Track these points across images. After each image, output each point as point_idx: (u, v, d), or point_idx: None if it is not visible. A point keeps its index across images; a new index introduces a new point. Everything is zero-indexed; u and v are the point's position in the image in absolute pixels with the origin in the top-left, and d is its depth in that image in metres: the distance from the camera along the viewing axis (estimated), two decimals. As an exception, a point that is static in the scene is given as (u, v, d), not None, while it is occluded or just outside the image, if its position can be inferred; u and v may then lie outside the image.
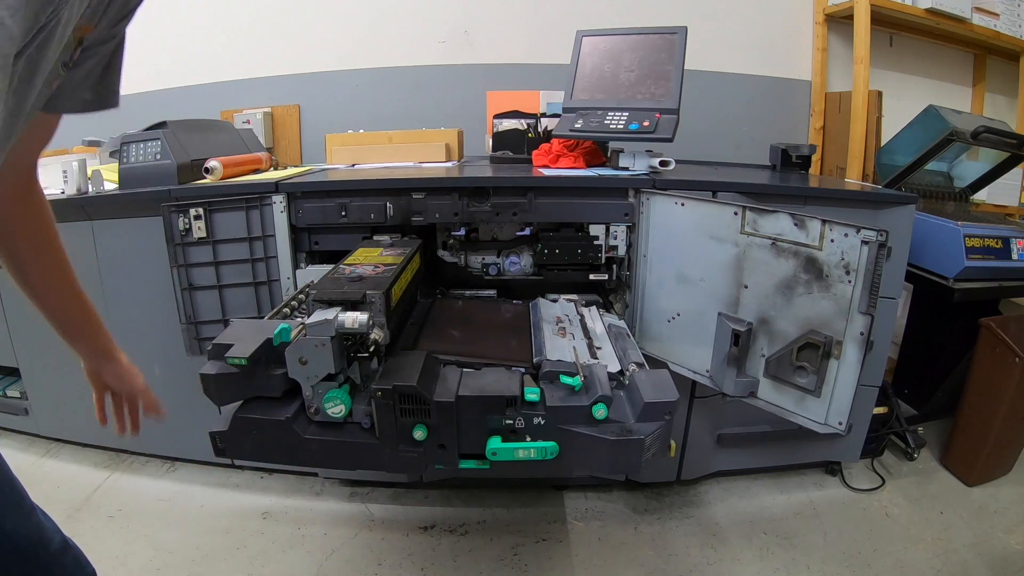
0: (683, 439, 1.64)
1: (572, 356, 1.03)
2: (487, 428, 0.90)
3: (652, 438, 0.89)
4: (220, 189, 1.47)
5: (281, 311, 1.09)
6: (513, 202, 1.42)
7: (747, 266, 1.19)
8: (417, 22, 2.32)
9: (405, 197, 1.43)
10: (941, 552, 1.50)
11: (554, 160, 1.68)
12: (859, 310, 1.03)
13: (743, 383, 1.20)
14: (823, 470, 1.84)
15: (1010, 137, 1.85)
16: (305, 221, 1.45)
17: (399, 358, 0.96)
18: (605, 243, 1.47)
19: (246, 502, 1.69)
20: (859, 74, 2.20)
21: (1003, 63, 2.57)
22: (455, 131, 2.00)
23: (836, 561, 1.48)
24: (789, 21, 2.39)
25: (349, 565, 1.47)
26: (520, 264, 1.53)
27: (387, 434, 0.90)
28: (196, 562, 1.45)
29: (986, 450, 1.73)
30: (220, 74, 2.38)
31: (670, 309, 1.37)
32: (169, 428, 1.72)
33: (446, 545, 1.54)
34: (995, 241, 1.67)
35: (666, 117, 1.50)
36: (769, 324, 1.17)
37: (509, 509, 1.68)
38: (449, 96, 2.32)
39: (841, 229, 1.04)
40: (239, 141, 1.93)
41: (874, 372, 1.59)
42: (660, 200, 1.35)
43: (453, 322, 1.28)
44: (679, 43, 1.56)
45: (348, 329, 0.87)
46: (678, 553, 1.52)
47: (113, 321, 1.62)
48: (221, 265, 1.48)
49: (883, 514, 1.66)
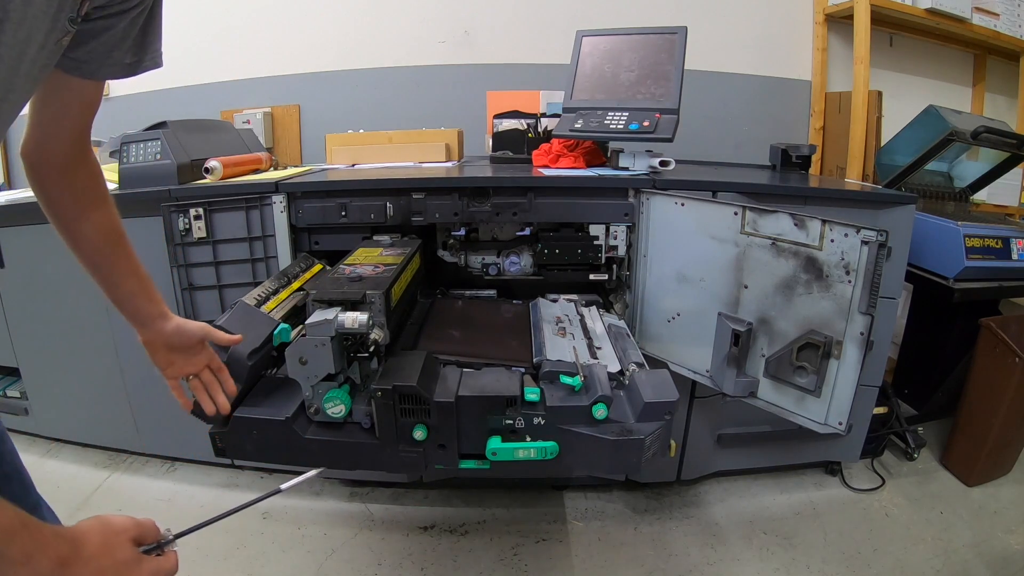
0: (683, 439, 1.64)
1: (572, 356, 1.04)
2: (487, 428, 0.90)
3: (652, 438, 0.89)
4: (220, 189, 1.47)
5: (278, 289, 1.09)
6: (513, 202, 1.42)
7: (747, 266, 1.19)
8: (417, 22, 2.32)
9: (405, 197, 1.42)
10: (941, 552, 1.50)
11: (554, 160, 1.68)
12: (859, 310, 1.03)
13: (743, 383, 1.20)
14: (823, 470, 1.84)
15: (1010, 137, 1.85)
16: (305, 221, 1.45)
17: (399, 358, 0.96)
18: (605, 243, 1.47)
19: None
20: (859, 74, 2.20)
21: (1003, 63, 2.57)
22: (455, 131, 2.00)
23: (836, 561, 1.48)
24: (789, 21, 2.39)
25: (349, 565, 1.47)
26: (520, 264, 1.53)
27: (387, 434, 0.90)
28: (196, 562, 1.45)
29: (986, 450, 1.73)
30: (220, 74, 2.38)
31: (670, 309, 1.37)
32: (169, 428, 1.73)
33: (446, 545, 1.54)
34: (995, 241, 1.67)
35: (666, 117, 1.50)
36: (769, 324, 1.17)
37: (509, 509, 1.68)
38: (449, 96, 2.32)
39: (841, 229, 1.04)
40: (239, 141, 1.93)
41: (874, 372, 1.59)
42: (660, 200, 1.35)
43: (453, 322, 1.28)
44: (679, 43, 1.56)
45: (348, 329, 0.87)
46: (678, 553, 1.52)
47: (114, 321, 1.63)
48: (221, 265, 1.48)
49: (883, 514, 1.66)
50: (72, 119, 0.70)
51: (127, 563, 0.56)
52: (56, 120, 0.69)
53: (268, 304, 1.07)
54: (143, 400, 1.72)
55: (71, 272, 1.55)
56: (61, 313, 1.70)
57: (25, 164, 0.72)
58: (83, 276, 0.78)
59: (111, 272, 0.79)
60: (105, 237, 0.77)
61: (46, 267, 1.66)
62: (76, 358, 1.73)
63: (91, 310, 1.63)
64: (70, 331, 1.71)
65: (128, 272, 0.80)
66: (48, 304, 1.72)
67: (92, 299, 1.59)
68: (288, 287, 1.18)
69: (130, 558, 0.57)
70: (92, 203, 0.76)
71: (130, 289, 0.80)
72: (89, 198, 0.75)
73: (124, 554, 0.56)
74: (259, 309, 1.01)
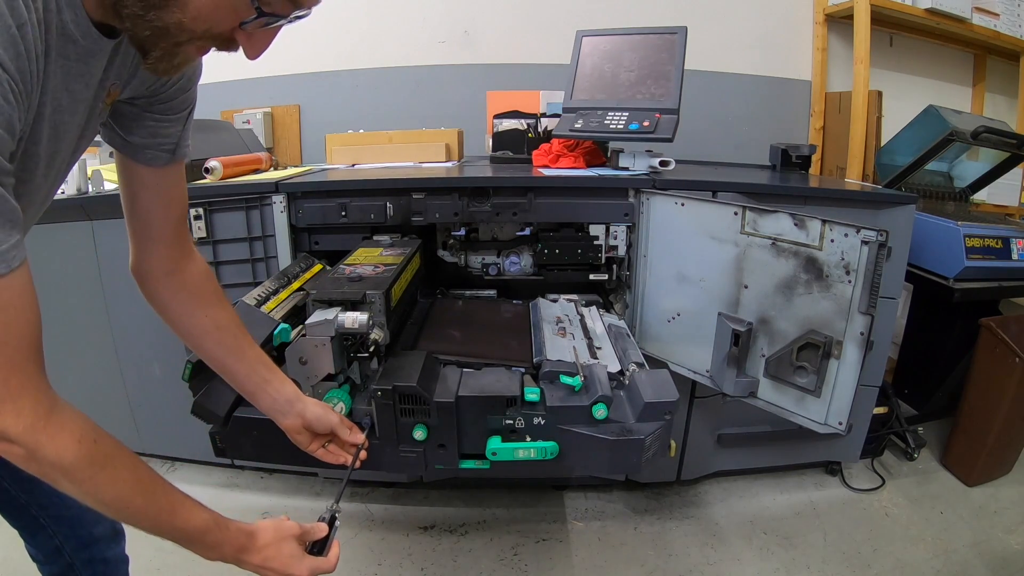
0: (683, 439, 1.64)
1: (572, 356, 1.04)
2: (487, 428, 0.90)
3: (652, 438, 0.89)
4: (220, 189, 1.47)
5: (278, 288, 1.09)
6: (513, 202, 1.42)
7: (747, 266, 1.19)
8: (417, 22, 2.31)
9: (405, 197, 1.42)
10: (941, 552, 1.50)
11: (554, 160, 1.68)
12: (859, 310, 1.03)
13: (743, 383, 1.20)
14: (823, 470, 1.84)
15: (1010, 137, 1.85)
16: (305, 221, 1.45)
17: (399, 358, 0.96)
18: (605, 243, 1.47)
19: (246, 502, 1.69)
20: (859, 74, 2.20)
21: (1003, 63, 2.57)
22: (455, 131, 2.00)
23: (836, 561, 1.48)
24: (789, 21, 2.39)
25: (349, 565, 1.47)
26: (520, 264, 1.53)
27: (387, 434, 0.90)
28: (196, 562, 1.43)
29: (986, 450, 1.73)
30: (220, 74, 2.38)
31: (670, 309, 1.37)
32: (169, 428, 1.73)
33: (446, 545, 1.54)
34: (995, 241, 1.67)
35: (666, 117, 1.50)
36: (769, 324, 1.17)
37: (509, 509, 1.68)
38: (449, 96, 2.32)
39: (841, 229, 1.04)
40: (239, 141, 1.93)
41: (874, 372, 1.59)
42: (660, 200, 1.35)
43: (453, 322, 1.28)
44: (679, 43, 1.56)
45: (348, 329, 0.87)
46: (678, 553, 1.52)
47: (114, 321, 1.63)
48: (221, 265, 1.48)
49: (883, 514, 1.66)
50: (159, 220, 0.75)
51: (292, 556, 0.70)
52: (146, 228, 0.75)
53: (268, 304, 1.07)
54: (143, 400, 1.72)
55: (71, 272, 1.55)
56: (61, 313, 1.70)
57: (137, 280, 0.78)
58: (83, 276, 0.78)
59: (239, 363, 0.81)
60: (225, 330, 0.80)
61: (46, 267, 1.65)
62: (76, 358, 1.72)
63: (91, 310, 1.63)
64: (70, 331, 1.71)
65: (256, 361, 0.82)
66: (48, 304, 1.71)
67: (92, 299, 1.59)
68: (288, 287, 1.18)
69: (295, 552, 0.70)
70: (206, 300, 0.79)
71: (262, 377, 0.82)
72: (202, 294, 0.79)
73: (290, 549, 0.70)
74: (259, 309, 1.01)
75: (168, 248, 0.76)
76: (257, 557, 0.68)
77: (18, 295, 0.51)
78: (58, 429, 0.53)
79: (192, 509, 0.64)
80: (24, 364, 0.51)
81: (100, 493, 0.56)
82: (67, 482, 0.54)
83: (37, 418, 0.51)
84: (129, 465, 0.59)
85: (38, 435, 0.51)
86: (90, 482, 0.55)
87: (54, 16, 0.50)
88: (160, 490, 0.61)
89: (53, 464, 0.53)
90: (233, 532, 0.67)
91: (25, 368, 0.51)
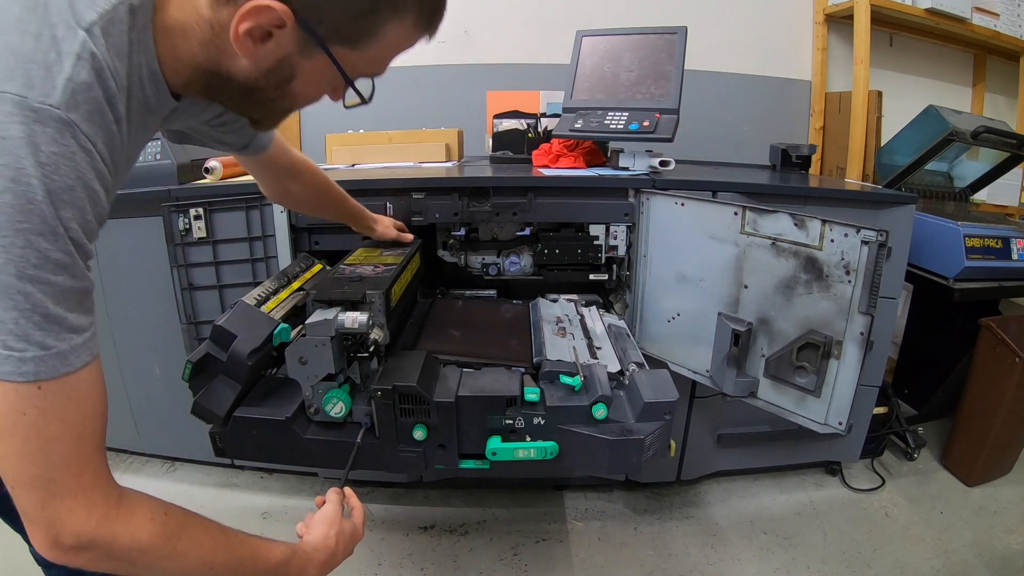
0: (683, 439, 1.64)
1: (572, 356, 1.03)
2: (487, 428, 0.90)
3: (652, 438, 0.89)
4: (220, 189, 1.47)
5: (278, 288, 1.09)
6: (513, 202, 1.42)
7: (747, 266, 1.19)
8: (417, 22, 2.32)
9: (405, 197, 1.42)
10: (941, 552, 1.50)
11: (554, 160, 1.68)
12: (859, 310, 1.03)
13: (743, 383, 1.20)
14: (823, 470, 1.84)
15: (1010, 137, 1.85)
16: (305, 221, 1.45)
17: (399, 358, 0.96)
18: (605, 243, 1.47)
19: (246, 502, 1.69)
20: (859, 74, 2.20)
21: (1003, 63, 2.57)
22: (455, 131, 2.00)
23: (836, 561, 1.48)
24: (789, 21, 2.39)
25: (349, 565, 1.45)
26: (520, 264, 1.53)
27: (387, 434, 0.90)
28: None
29: (986, 450, 1.73)
30: (220, 74, 2.38)
31: (670, 309, 1.37)
32: (169, 428, 1.73)
33: (446, 545, 1.54)
34: (995, 241, 1.67)
35: (666, 117, 1.50)
36: (769, 324, 1.17)
37: (509, 509, 1.68)
38: (449, 96, 2.32)
39: (841, 229, 1.04)
40: (239, 141, 1.92)
41: (874, 372, 1.59)
42: (660, 200, 1.35)
43: (453, 322, 1.28)
44: (679, 43, 1.56)
45: (348, 329, 0.87)
46: (678, 553, 1.52)
47: (114, 321, 1.63)
48: (221, 265, 1.48)
49: (883, 514, 1.66)
50: (272, 169, 1.00)
51: (340, 533, 0.78)
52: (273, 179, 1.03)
53: (268, 304, 1.07)
54: (143, 400, 1.72)
55: (71, 272, 1.55)
56: (61, 313, 1.70)
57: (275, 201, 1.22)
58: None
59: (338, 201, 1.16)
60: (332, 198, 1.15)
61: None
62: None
63: (91, 310, 1.63)
64: (70, 331, 1.71)
65: (345, 196, 1.16)
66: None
67: (91, 300, 1.59)
68: (288, 287, 1.18)
69: (343, 529, 0.79)
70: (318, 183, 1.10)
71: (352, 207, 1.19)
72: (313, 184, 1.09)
73: (338, 527, 0.78)
74: (259, 309, 1.01)
75: (283, 165, 1.00)
76: (334, 561, 0.74)
77: (94, 385, 0.51)
78: (130, 514, 0.52)
79: (267, 546, 0.64)
80: (95, 455, 0.50)
81: (184, 563, 0.55)
82: (151, 561, 0.53)
83: (109, 507, 0.51)
84: (201, 526, 0.59)
85: (112, 524, 0.50)
86: (172, 556, 0.54)
87: (137, 90, 0.54)
88: (236, 540, 0.61)
89: (132, 549, 0.52)
90: (310, 552, 0.71)
91: (95, 459, 0.50)
